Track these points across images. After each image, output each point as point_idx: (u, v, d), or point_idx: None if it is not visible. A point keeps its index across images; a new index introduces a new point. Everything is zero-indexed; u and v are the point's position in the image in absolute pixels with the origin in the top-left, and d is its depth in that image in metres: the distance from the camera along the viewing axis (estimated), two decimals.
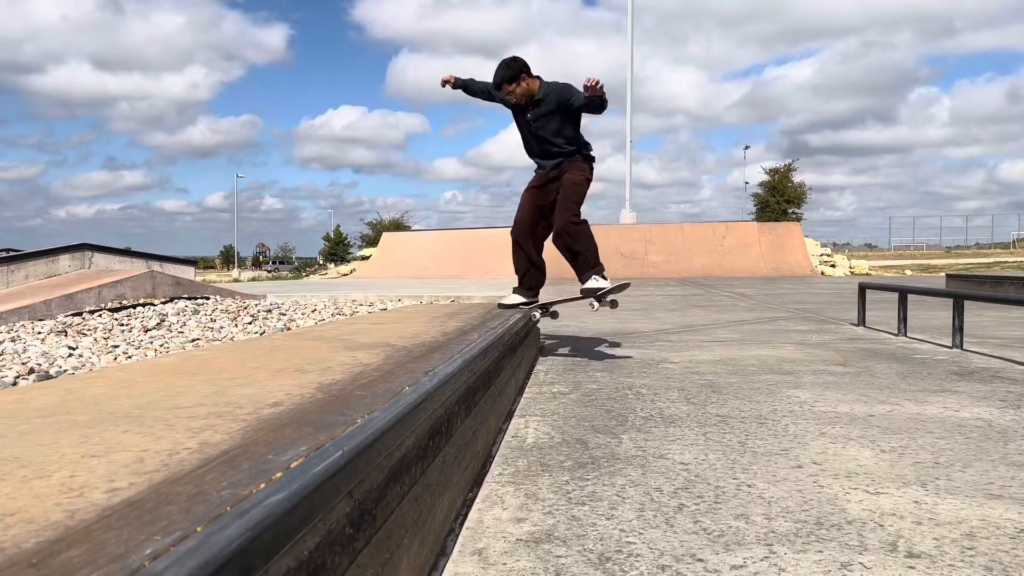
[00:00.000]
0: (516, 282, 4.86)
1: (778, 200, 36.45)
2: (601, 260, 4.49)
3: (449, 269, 22.01)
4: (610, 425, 2.70)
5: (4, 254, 16.77)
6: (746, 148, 56.17)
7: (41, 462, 0.96)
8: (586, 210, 4.71)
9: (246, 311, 10.75)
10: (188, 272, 17.01)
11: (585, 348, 5.04)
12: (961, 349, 4.79)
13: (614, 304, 4.53)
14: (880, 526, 1.67)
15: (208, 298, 12.18)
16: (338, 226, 57.23)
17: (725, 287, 14.10)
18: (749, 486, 1.97)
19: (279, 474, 0.91)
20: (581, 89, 4.17)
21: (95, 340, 7.95)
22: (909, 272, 28.27)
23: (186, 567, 0.66)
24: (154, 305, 11.01)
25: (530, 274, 4.74)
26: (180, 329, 8.97)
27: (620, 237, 21.49)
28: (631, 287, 5.51)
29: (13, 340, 7.93)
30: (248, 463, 0.95)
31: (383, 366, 1.89)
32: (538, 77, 4.40)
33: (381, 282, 18.19)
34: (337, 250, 52.29)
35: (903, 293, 5.78)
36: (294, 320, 9.87)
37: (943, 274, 18.57)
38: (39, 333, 8.39)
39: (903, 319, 5.66)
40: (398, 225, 41.04)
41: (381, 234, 30.36)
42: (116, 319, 9.64)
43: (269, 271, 57.91)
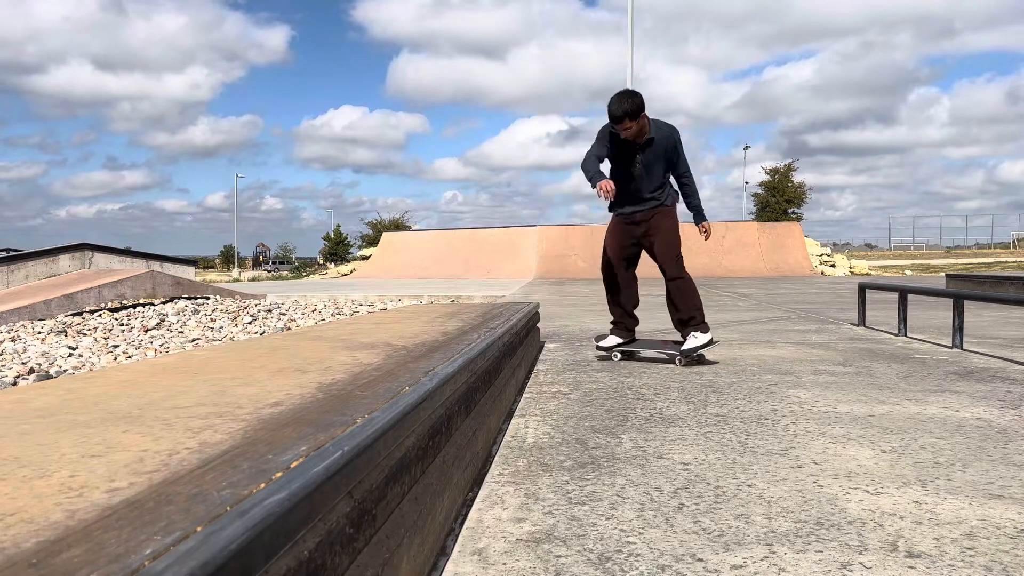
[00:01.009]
0: (607, 318, 4.70)
1: (778, 200, 36.48)
2: (702, 312, 4.28)
3: (449, 269, 22.02)
4: (610, 425, 2.70)
5: (4, 254, 16.77)
6: (746, 148, 56.16)
7: (41, 462, 0.96)
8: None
9: (246, 311, 10.75)
10: (188, 272, 17.02)
11: (585, 348, 5.04)
12: (961, 349, 4.79)
13: (701, 358, 4.30)
14: (880, 526, 1.67)
15: (208, 298, 12.19)
16: (338, 226, 57.26)
17: (725, 287, 14.11)
18: (749, 486, 1.97)
19: (279, 474, 0.91)
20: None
21: (95, 340, 7.95)
22: (909, 272, 28.28)
23: (186, 567, 0.66)
24: (154, 305, 11.01)
25: (629, 319, 4.58)
26: (180, 329, 8.97)
27: None
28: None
29: (13, 340, 7.93)
30: (248, 463, 0.95)
31: (383, 366, 1.89)
32: (646, 115, 4.20)
33: (381, 282, 18.20)
34: (337, 250, 52.30)
35: (903, 293, 5.78)
36: (294, 320, 9.87)
37: (943, 274, 18.57)
38: (39, 333, 8.39)
39: (903, 319, 5.66)
40: (398, 225, 41.06)
41: (381, 234, 30.37)
42: (116, 319, 9.64)
43: (269, 271, 57.91)
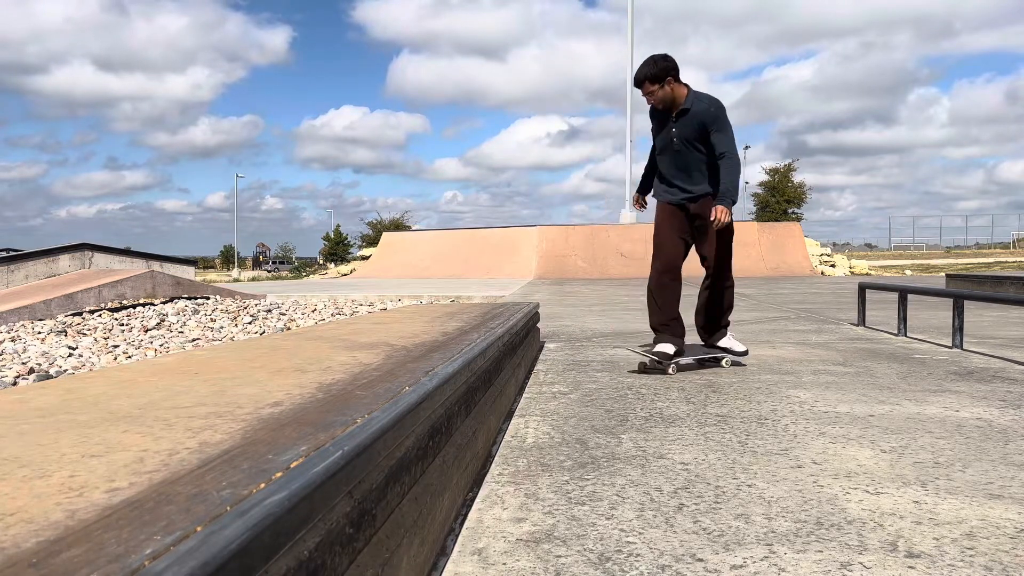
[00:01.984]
0: (655, 325, 4.00)
1: (778, 200, 36.50)
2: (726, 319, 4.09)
3: (449, 269, 22.01)
4: (610, 425, 2.70)
5: (4, 254, 16.78)
6: (746, 148, 56.16)
7: (41, 462, 0.96)
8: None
9: (246, 311, 10.75)
10: (188, 272, 17.02)
11: (585, 348, 5.04)
12: (961, 349, 4.79)
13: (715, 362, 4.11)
14: (880, 526, 1.67)
15: (208, 298, 12.19)
16: (338, 226, 57.29)
17: None
18: (749, 486, 1.97)
19: (279, 474, 0.91)
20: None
21: (95, 340, 7.95)
22: (909, 272, 28.28)
23: (186, 567, 0.66)
24: (154, 305, 11.01)
25: (679, 319, 3.99)
26: (180, 329, 8.97)
27: (620, 237, 21.49)
28: (632, 286, 5.48)
29: (13, 340, 7.93)
30: (248, 463, 0.95)
31: (383, 366, 1.89)
32: (686, 85, 3.88)
33: (381, 282, 18.20)
34: (337, 250, 52.32)
35: (903, 293, 5.78)
36: (294, 320, 9.87)
37: (943, 274, 18.57)
38: (39, 333, 8.39)
39: (903, 319, 5.66)
40: (398, 225, 41.07)
41: (381, 234, 30.36)
42: (116, 319, 9.64)
43: (269, 271, 57.92)
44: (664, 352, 3.84)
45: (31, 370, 6.10)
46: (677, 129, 3.85)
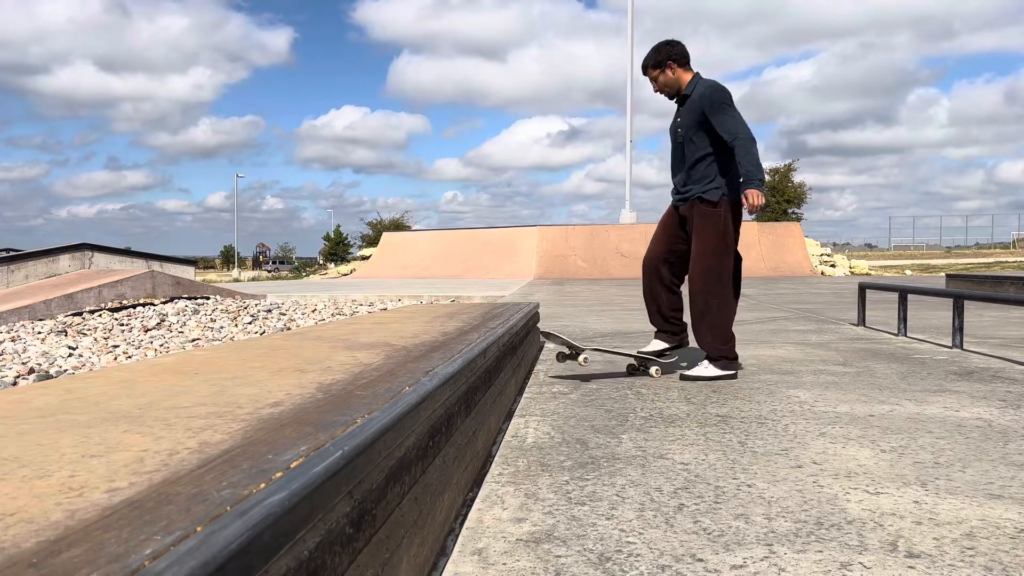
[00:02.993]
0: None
1: (778, 200, 36.48)
2: (726, 342, 3.58)
3: (449, 269, 22.01)
4: (610, 425, 2.69)
5: (4, 254, 16.77)
6: None
7: (41, 462, 0.96)
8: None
9: (246, 311, 10.75)
10: (188, 272, 17.02)
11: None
12: (961, 349, 4.79)
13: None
14: (880, 526, 1.67)
15: (208, 298, 12.19)
16: (338, 226, 57.31)
17: None
18: (749, 486, 1.97)
19: (279, 474, 0.91)
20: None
21: (95, 340, 7.95)
22: (909, 272, 28.28)
23: (186, 567, 0.66)
24: (154, 305, 11.01)
25: (656, 315, 3.87)
26: (180, 329, 8.97)
27: (620, 237, 21.50)
28: (632, 286, 5.46)
29: (13, 340, 7.93)
30: (248, 463, 0.95)
31: (383, 366, 1.88)
32: (694, 72, 3.68)
33: (381, 282, 18.19)
34: (337, 250, 52.33)
35: (903, 293, 5.78)
36: (294, 320, 9.87)
37: (943, 274, 18.57)
38: (39, 333, 8.39)
39: (903, 319, 5.66)
40: (398, 225, 41.08)
41: (381, 234, 30.36)
42: (116, 319, 9.64)
43: (269, 271, 57.90)
44: (651, 351, 3.85)
45: (31, 370, 6.11)
46: (680, 118, 3.69)
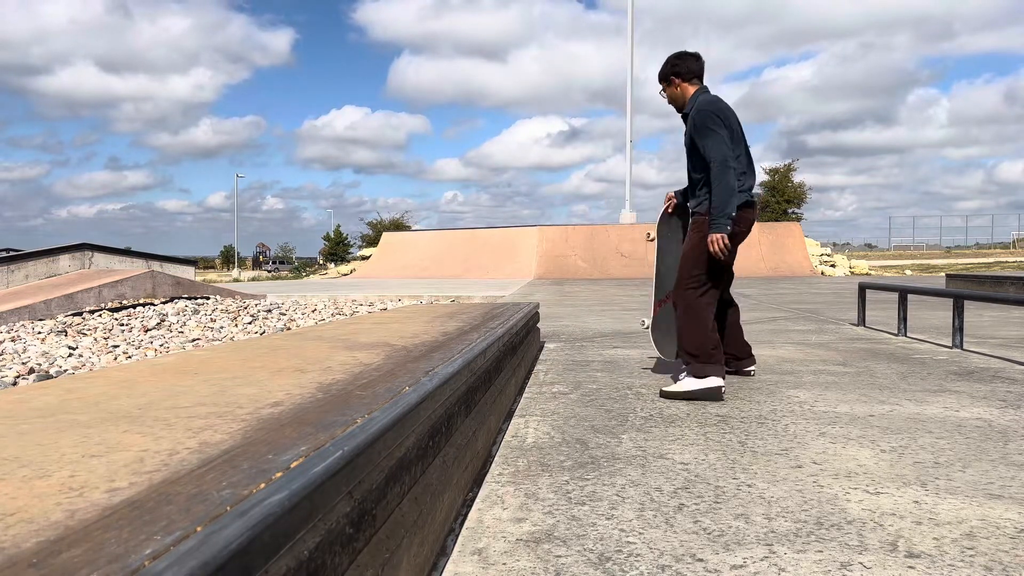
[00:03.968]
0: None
1: (778, 200, 36.46)
2: (696, 352, 3.30)
3: (449, 269, 22.01)
4: (610, 425, 2.69)
5: (4, 254, 16.77)
6: None
7: (41, 462, 0.96)
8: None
9: (246, 311, 10.75)
10: (188, 272, 17.02)
11: (585, 348, 5.04)
12: (961, 349, 4.79)
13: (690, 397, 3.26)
14: (880, 526, 1.67)
15: (208, 298, 12.19)
16: (338, 226, 57.31)
17: None
18: (749, 486, 1.97)
19: (279, 474, 0.91)
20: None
21: (95, 340, 7.95)
22: (909, 272, 28.27)
23: (186, 567, 0.66)
24: (154, 305, 11.01)
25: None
26: (180, 329, 8.97)
27: (620, 237, 21.50)
28: (632, 286, 5.44)
29: (13, 340, 7.93)
30: (248, 463, 0.95)
31: (383, 366, 1.88)
32: (698, 87, 3.54)
33: (381, 282, 18.19)
34: (337, 250, 52.31)
35: (903, 293, 5.78)
36: (294, 320, 9.87)
37: (943, 274, 18.57)
38: (39, 333, 8.39)
39: (903, 319, 5.66)
40: (398, 225, 41.06)
41: (381, 234, 30.35)
42: (116, 319, 9.64)
43: (269, 271, 57.90)
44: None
45: (31, 370, 6.11)
46: (686, 137, 3.59)
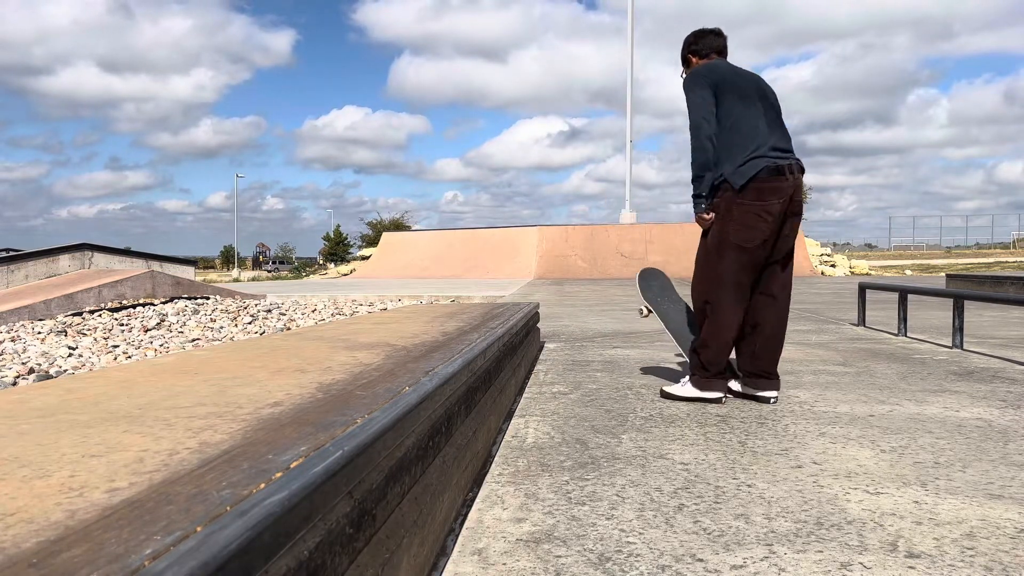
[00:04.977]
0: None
1: None
2: (707, 365, 3.02)
3: (449, 269, 22.01)
4: (610, 425, 2.69)
5: (4, 254, 16.77)
6: None
7: (41, 462, 0.96)
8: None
9: (246, 311, 10.74)
10: (188, 272, 17.01)
11: (585, 348, 5.04)
12: (961, 349, 4.79)
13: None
14: (880, 526, 1.67)
15: (208, 298, 12.19)
16: (338, 226, 57.35)
17: None
18: (749, 486, 1.97)
19: (279, 474, 0.91)
20: None
21: (95, 340, 7.95)
22: (909, 272, 28.27)
23: (186, 567, 0.66)
24: (154, 305, 11.01)
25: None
26: (180, 329, 8.97)
27: (620, 237, 21.50)
28: (632, 286, 5.44)
29: (13, 340, 7.93)
30: (248, 463, 0.95)
31: (383, 366, 1.88)
32: (718, 62, 3.17)
33: (381, 282, 18.19)
34: (337, 250, 52.33)
35: (903, 293, 5.78)
36: (294, 320, 9.87)
37: (943, 274, 18.57)
38: (39, 333, 8.39)
39: (903, 319, 5.66)
40: (398, 225, 41.07)
41: (381, 234, 30.35)
42: (116, 319, 9.64)
43: (269, 271, 57.90)
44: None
45: (31, 370, 6.10)
46: None
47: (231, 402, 1.37)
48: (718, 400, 3.06)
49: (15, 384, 5.54)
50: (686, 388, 3.11)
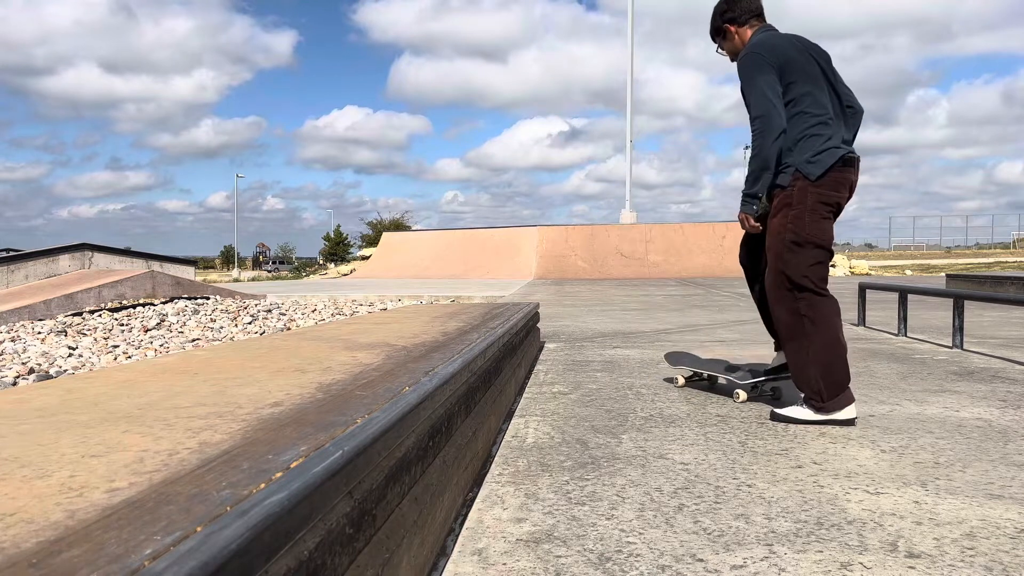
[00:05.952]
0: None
1: None
2: (818, 389, 2.64)
3: (449, 269, 22.01)
4: (610, 425, 2.69)
5: (4, 254, 16.77)
6: (746, 148, 56.10)
7: (41, 462, 0.96)
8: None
9: (246, 311, 10.74)
10: (188, 272, 17.02)
11: (585, 348, 5.04)
12: (961, 349, 4.79)
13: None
14: (880, 526, 1.67)
15: (208, 298, 12.19)
16: (338, 226, 57.37)
17: (725, 287, 14.09)
18: (749, 486, 1.97)
19: (279, 474, 0.90)
20: None
21: (95, 340, 7.95)
22: (909, 272, 28.27)
23: (186, 567, 0.66)
24: (154, 305, 11.01)
25: (769, 323, 3.11)
26: (180, 329, 8.97)
27: (620, 237, 21.50)
28: (632, 286, 5.44)
29: (13, 340, 7.93)
30: (248, 463, 0.95)
31: (383, 366, 1.88)
32: (761, 26, 2.86)
33: (381, 282, 18.19)
34: (337, 250, 52.34)
35: (903, 293, 5.78)
36: (294, 320, 9.87)
37: (943, 274, 18.57)
38: (39, 333, 8.39)
39: (903, 319, 5.66)
40: (398, 225, 41.08)
41: (381, 234, 30.35)
42: (116, 319, 9.64)
43: (269, 271, 57.91)
44: (771, 365, 3.16)
45: (31, 370, 6.10)
46: None
47: (231, 402, 1.37)
48: (851, 420, 2.64)
49: (15, 384, 5.54)
50: (804, 412, 2.68)
